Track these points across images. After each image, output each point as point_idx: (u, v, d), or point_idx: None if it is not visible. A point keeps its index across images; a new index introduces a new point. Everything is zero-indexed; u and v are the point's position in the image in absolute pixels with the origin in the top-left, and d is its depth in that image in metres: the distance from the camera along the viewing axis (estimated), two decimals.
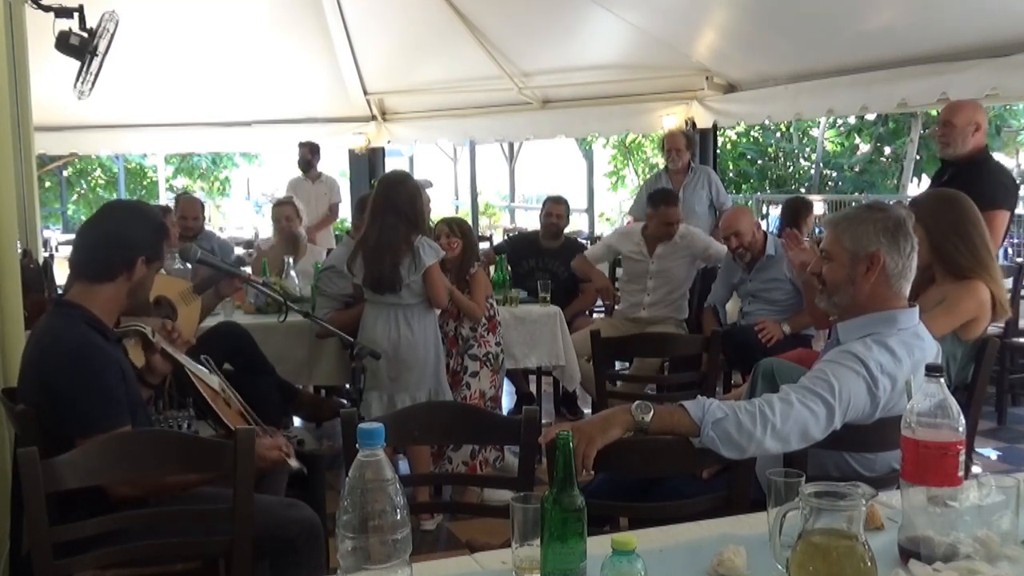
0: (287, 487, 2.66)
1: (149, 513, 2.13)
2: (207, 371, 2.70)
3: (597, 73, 7.91)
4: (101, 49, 5.42)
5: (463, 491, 4.12)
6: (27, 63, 5.35)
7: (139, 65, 7.68)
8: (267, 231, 7.54)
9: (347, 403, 4.69)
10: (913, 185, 15.06)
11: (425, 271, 3.83)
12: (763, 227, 5.17)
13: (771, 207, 14.67)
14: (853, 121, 16.00)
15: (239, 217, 20.09)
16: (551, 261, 5.67)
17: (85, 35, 5.37)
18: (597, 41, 7.53)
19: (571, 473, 1.38)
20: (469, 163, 14.08)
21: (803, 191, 16.09)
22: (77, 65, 5.47)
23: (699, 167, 6.50)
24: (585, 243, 7.15)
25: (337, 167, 10.86)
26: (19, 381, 2.38)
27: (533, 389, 5.61)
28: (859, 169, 16.80)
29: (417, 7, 7.79)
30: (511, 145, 16.40)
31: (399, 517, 1.27)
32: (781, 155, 17.57)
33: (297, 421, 5.01)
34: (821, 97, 6.59)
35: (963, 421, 1.53)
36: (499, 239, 9.25)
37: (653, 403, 1.99)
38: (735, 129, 16.34)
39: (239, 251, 7.22)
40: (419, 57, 8.70)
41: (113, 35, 5.44)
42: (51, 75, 6.14)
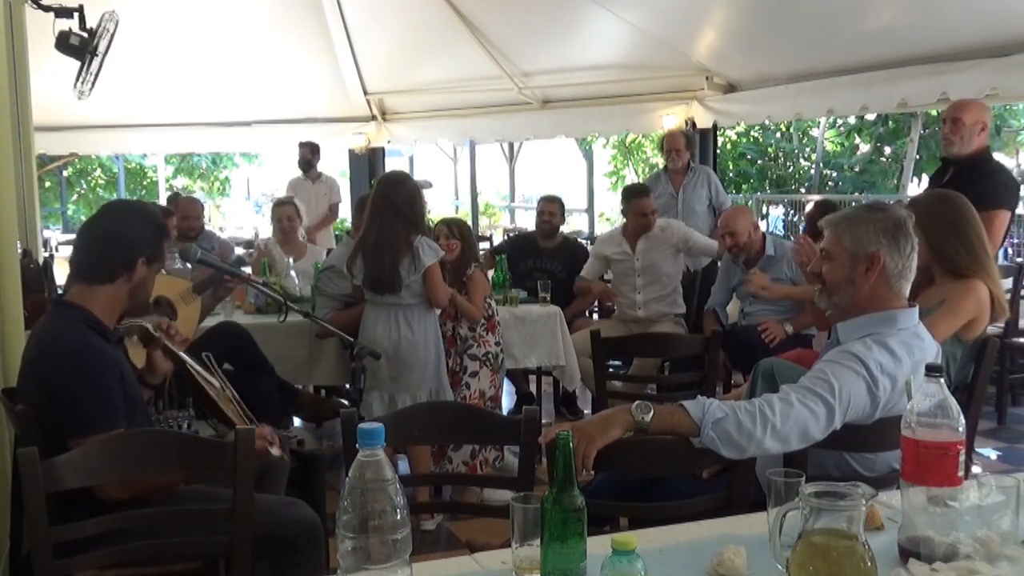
0: (287, 486, 2.66)
1: (149, 513, 2.13)
2: (207, 371, 2.70)
3: (597, 73, 7.90)
4: (101, 49, 5.42)
5: (463, 491, 4.12)
6: (27, 63, 5.35)
7: (139, 65, 7.67)
8: (267, 231, 7.53)
9: (347, 403, 4.69)
10: (913, 185, 15.03)
11: (425, 271, 3.84)
12: (762, 227, 5.16)
13: (771, 207, 14.68)
14: (853, 121, 15.96)
15: (239, 217, 20.08)
16: (548, 261, 5.67)
17: (85, 35, 5.37)
18: (597, 41, 7.53)
19: (571, 473, 1.38)
20: (469, 163, 14.06)
21: (803, 191, 16.07)
22: (77, 65, 5.47)
23: (699, 167, 6.50)
24: (584, 243, 7.16)
25: (337, 167, 10.86)
26: (19, 381, 2.37)
27: (533, 389, 5.61)
28: (859, 169, 16.77)
29: (417, 7, 7.78)
30: (511, 145, 16.37)
31: (399, 517, 1.27)
32: (781, 155, 17.53)
33: (297, 421, 5.01)
34: (821, 97, 6.58)
35: (963, 421, 1.53)
36: (499, 239, 9.27)
37: (653, 403, 2.00)
38: (735, 129, 16.31)
39: (239, 251, 7.23)
40: (419, 57, 8.70)
41: (113, 35, 5.44)
42: (51, 75, 6.14)
